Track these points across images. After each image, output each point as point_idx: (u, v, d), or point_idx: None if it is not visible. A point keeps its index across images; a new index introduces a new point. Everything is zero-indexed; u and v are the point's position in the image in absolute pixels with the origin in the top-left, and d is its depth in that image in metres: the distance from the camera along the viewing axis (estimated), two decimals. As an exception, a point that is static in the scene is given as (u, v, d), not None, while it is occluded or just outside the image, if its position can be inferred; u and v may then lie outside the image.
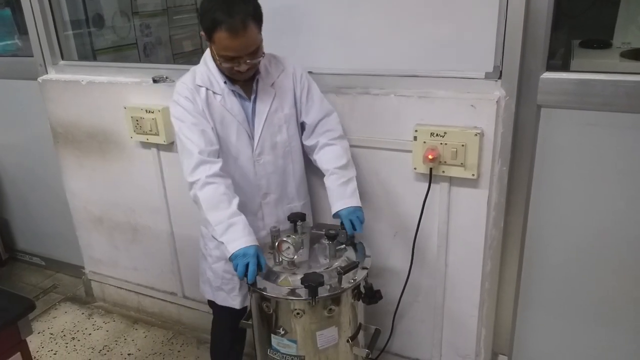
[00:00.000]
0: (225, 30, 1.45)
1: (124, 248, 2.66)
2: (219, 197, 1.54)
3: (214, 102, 1.63)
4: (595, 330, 1.89)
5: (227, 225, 1.51)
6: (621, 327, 1.83)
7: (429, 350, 2.03)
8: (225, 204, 1.53)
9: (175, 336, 2.59)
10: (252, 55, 1.52)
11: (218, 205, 1.53)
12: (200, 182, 1.54)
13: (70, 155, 2.59)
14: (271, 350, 1.55)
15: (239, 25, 1.44)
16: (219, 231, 1.51)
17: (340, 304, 1.50)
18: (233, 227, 1.51)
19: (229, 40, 1.46)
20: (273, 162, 1.70)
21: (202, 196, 1.54)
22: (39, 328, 2.70)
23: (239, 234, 1.50)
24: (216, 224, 1.52)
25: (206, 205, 1.54)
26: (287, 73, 1.70)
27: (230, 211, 1.53)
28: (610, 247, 1.74)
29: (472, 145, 1.62)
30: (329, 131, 1.72)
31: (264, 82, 1.66)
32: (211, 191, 1.54)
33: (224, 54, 1.51)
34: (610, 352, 1.89)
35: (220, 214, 1.52)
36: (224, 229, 1.51)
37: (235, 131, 1.65)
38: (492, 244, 1.80)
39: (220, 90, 1.63)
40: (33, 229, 3.23)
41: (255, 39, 1.50)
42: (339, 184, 1.66)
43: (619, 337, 1.86)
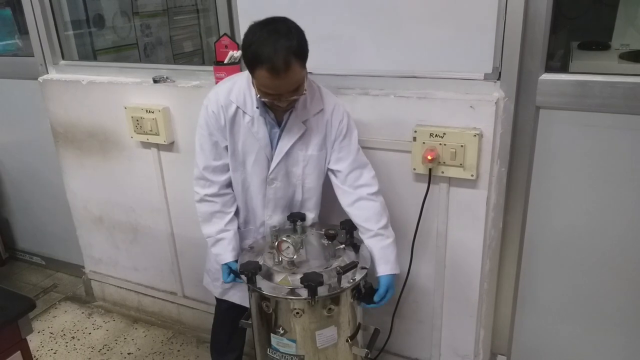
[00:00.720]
0: (266, 70, 1.38)
1: (124, 248, 2.66)
2: (212, 214, 1.72)
3: (241, 122, 1.62)
4: (594, 330, 1.89)
5: (215, 240, 1.73)
6: (620, 327, 1.84)
7: (428, 350, 2.03)
8: (217, 219, 1.72)
9: (175, 336, 2.60)
10: (293, 92, 1.47)
11: (211, 220, 1.73)
12: (198, 196, 1.73)
13: (70, 155, 2.59)
14: (271, 349, 1.55)
15: (281, 66, 1.36)
16: (209, 244, 1.76)
17: (339, 304, 1.50)
18: (220, 242, 1.72)
19: (270, 80, 1.40)
20: (283, 189, 1.71)
21: (198, 209, 1.75)
22: (39, 327, 2.70)
23: (223, 249, 1.72)
24: (207, 237, 1.75)
25: (201, 218, 1.75)
26: (324, 114, 1.62)
27: (219, 227, 1.72)
28: (609, 248, 1.75)
29: (471, 146, 1.63)
30: (365, 186, 1.65)
31: (297, 116, 1.60)
32: (206, 207, 1.73)
33: (264, 90, 1.46)
34: (609, 352, 1.90)
35: (211, 229, 1.73)
36: (213, 243, 1.74)
37: (255, 153, 1.65)
38: (491, 244, 1.80)
39: (251, 112, 1.60)
40: (33, 229, 3.23)
41: (297, 78, 1.44)
42: (384, 245, 1.63)
43: (617, 338, 1.86)
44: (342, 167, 1.65)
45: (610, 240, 1.73)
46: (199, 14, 3.19)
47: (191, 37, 3.21)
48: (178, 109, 2.17)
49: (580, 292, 1.86)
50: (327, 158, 1.68)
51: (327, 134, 1.65)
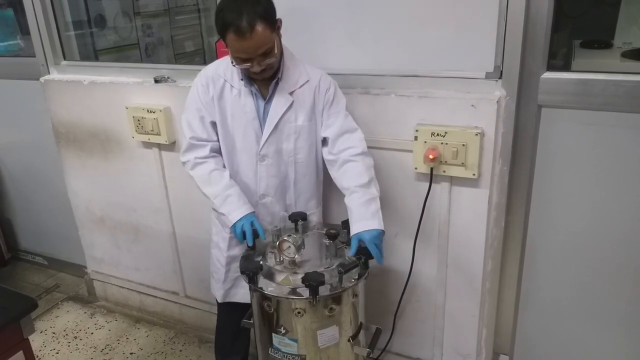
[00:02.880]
0: (233, 32, 1.44)
1: (126, 248, 2.66)
2: (210, 173, 1.68)
3: (229, 95, 1.65)
4: (597, 330, 1.89)
5: (224, 198, 1.66)
6: (623, 327, 1.83)
7: (430, 349, 2.03)
8: (217, 177, 1.68)
9: (177, 335, 2.60)
10: (264, 56, 1.50)
11: (211, 180, 1.68)
12: (190, 163, 1.70)
13: (72, 155, 2.60)
14: (272, 349, 1.55)
15: (246, 27, 1.43)
16: (218, 203, 1.67)
17: (341, 303, 1.50)
18: (229, 199, 1.66)
19: (237, 42, 1.46)
20: (275, 167, 1.70)
21: (194, 175, 1.70)
22: (41, 327, 2.71)
23: (235, 205, 1.65)
24: (214, 197, 1.67)
25: (200, 182, 1.69)
26: (310, 85, 1.65)
27: (223, 184, 1.67)
28: (611, 247, 1.74)
29: (473, 145, 1.62)
30: (350, 148, 1.63)
31: (283, 87, 1.63)
32: (202, 169, 1.68)
33: (235, 55, 1.52)
34: (612, 352, 1.89)
35: (215, 188, 1.67)
36: (222, 201, 1.66)
37: (243, 128, 1.66)
38: (493, 244, 1.80)
39: (238, 86, 1.64)
40: (35, 229, 3.24)
41: (264, 41, 1.47)
42: (360, 202, 1.55)
43: (620, 337, 1.85)
44: (330, 132, 1.66)
45: (613, 240, 1.73)
46: (200, 14, 3.19)
47: (192, 37, 3.21)
48: (179, 108, 2.16)
49: (583, 291, 1.85)
50: (318, 131, 1.69)
51: (315, 104, 1.66)
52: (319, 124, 1.69)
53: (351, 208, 1.58)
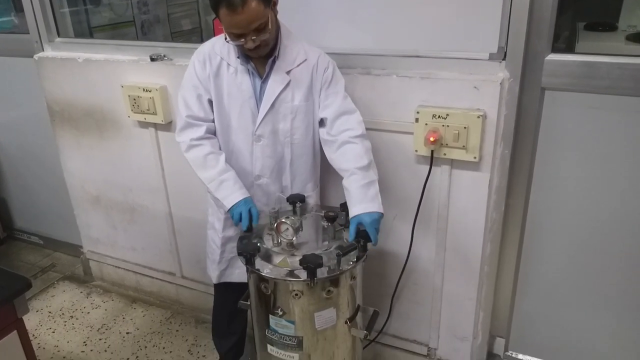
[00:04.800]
0: (225, 6, 1.41)
1: (122, 228, 2.65)
2: (205, 156, 1.65)
3: (225, 73, 1.62)
4: (594, 314, 1.89)
5: (219, 183, 1.64)
6: (619, 313, 1.84)
7: (427, 332, 2.04)
8: (212, 162, 1.65)
9: (174, 315, 2.60)
10: (257, 32, 1.47)
11: (206, 164, 1.65)
12: (185, 145, 1.66)
13: (67, 133, 2.56)
14: (269, 330, 1.55)
15: (238, 1, 1.40)
16: (213, 188, 1.65)
17: (338, 286, 1.49)
18: (224, 184, 1.63)
19: (229, 17, 1.43)
20: (271, 147, 1.68)
21: (189, 157, 1.67)
22: (37, 306, 2.70)
23: (230, 189, 1.63)
24: (209, 182, 1.65)
25: (195, 165, 1.67)
26: (308, 65, 1.61)
27: (218, 169, 1.64)
28: (612, 232, 1.73)
29: (475, 127, 1.60)
30: (349, 130, 1.60)
31: (280, 66, 1.60)
32: (197, 152, 1.65)
33: (228, 31, 1.49)
34: (608, 337, 1.90)
35: (210, 173, 1.64)
36: (217, 186, 1.64)
37: (239, 107, 1.63)
38: (493, 227, 1.79)
39: (234, 64, 1.61)
40: (31, 208, 3.22)
41: (257, 15, 1.44)
42: (359, 185, 1.53)
43: (616, 323, 1.86)
44: (328, 113, 1.63)
45: (614, 225, 1.72)
46: (198, -9, 3.12)
47: (189, 15, 3.15)
48: (176, 88, 2.12)
49: (581, 275, 1.85)
50: (316, 111, 1.66)
51: (312, 83, 1.63)
52: (316, 104, 1.66)
53: (350, 190, 1.55)
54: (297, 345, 1.52)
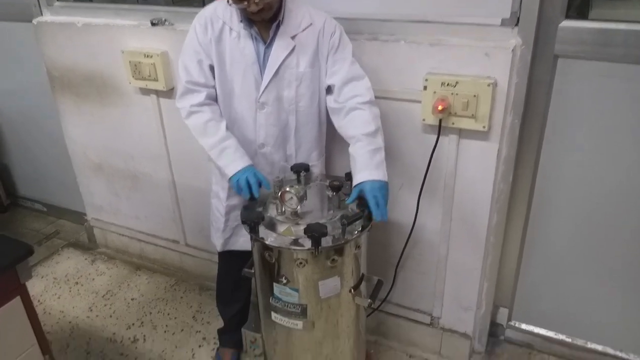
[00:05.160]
0: None
1: (125, 196, 2.64)
2: (206, 123, 1.61)
3: (228, 38, 1.57)
4: (598, 287, 1.89)
5: (220, 150, 1.60)
6: (625, 285, 1.83)
7: (431, 301, 2.04)
8: (213, 129, 1.60)
9: (178, 283, 2.62)
10: None
11: (206, 132, 1.61)
12: (185, 111, 1.62)
13: (67, 100, 2.53)
14: (273, 298, 1.55)
15: None
16: (214, 156, 1.61)
17: (343, 255, 1.48)
18: (226, 151, 1.59)
19: None
20: (275, 115, 1.64)
21: (189, 124, 1.63)
22: (42, 272, 2.73)
23: (231, 157, 1.59)
24: (209, 149, 1.61)
25: (195, 132, 1.63)
26: (314, 29, 1.56)
27: (219, 136, 1.60)
28: (619, 205, 1.72)
29: (485, 96, 1.56)
30: (357, 96, 1.55)
31: (285, 31, 1.55)
32: (197, 119, 1.61)
33: None
34: (611, 309, 1.91)
35: (211, 140, 1.60)
36: (218, 154, 1.60)
37: (242, 73, 1.59)
38: (500, 198, 1.77)
39: (237, 28, 1.56)
40: (34, 175, 3.21)
41: None
42: (365, 151, 1.49)
43: (622, 296, 1.86)
44: (336, 80, 1.59)
45: (621, 197, 1.70)
46: (200, -48, 3.02)
47: (191, -22, 3.06)
48: (177, 53, 2.06)
49: (587, 248, 1.84)
50: (322, 78, 1.62)
51: (319, 49, 1.58)
52: (323, 70, 1.61)
53: (355, 157, 1.53)
54: (301, 313, 1.52)
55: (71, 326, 2.35)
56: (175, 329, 2.32)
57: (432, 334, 2.09)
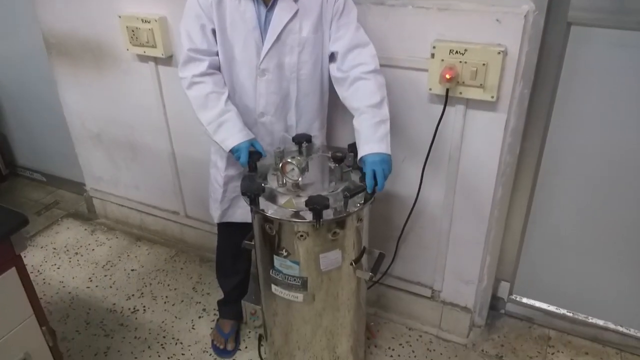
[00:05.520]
0: None
1: (125, 166, 2.60)
2: (206, 96, 1.55)
3: (228, 1, 1.51)
4: (601, 264, 1.87)
5: (218, 125, 1.55)
6: (628, 264, 1.81)
7: (432, 275, 2.03)
8: (213, 102, 1.55)
9: (178, 254, 2.61)
10: None
11: (206, 105, 1.55)
12: (187, 81, 1.56)
13: (64, 68, 2.46)
14: (273, 271, 1.53)
15: None
16: (211, 131, 1.56)
17: (345, 228, 1.46)
18: (224, 126, 1.55)
19: None
20: (276, 83, 1.58)
21: (190, 95, 1.57)
22: (41, 243, 2.71)
23: (229, 132, 1.54)
24: (207, 124, 1.56)
25: (195, 105, 1.57)
26: None
27: (218, 109, 1.55)
28: (625, 180, 1.68)
29: (494, 64, 1.50)
30: (362, 64, 1.50)
31: None
32: (198, 91, 1.56)
33: None
34: (613, 287, 1.89)
35: (210, 113, 1.55)
36: (215, 129, 1.55)
37: (243, 38, 1.53)
38: (506, 171, 1.73)
39: None
40: (32, 145, 3.17)
41: None
42: (369, 124, 1.44)
43: (626, 275, 1.84)
44: (339, 46, 1.53)
45: (630, 173, 1.66)
46: None
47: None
48: (176, 19, 2.01)
49: (591, 224, 1.82)
50: (325, 45, 1.56)
51: (322, 14, 1.52)
52: (326, 37, 1.55)
53: (359, 130, 1.48)
54: (302, 285, 1.51)
55: (71, 296, 2.35)
56: (175, 300, 2.31)
57: (433, 307, 2.08)
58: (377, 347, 2.05)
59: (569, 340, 2.04)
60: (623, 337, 1.96)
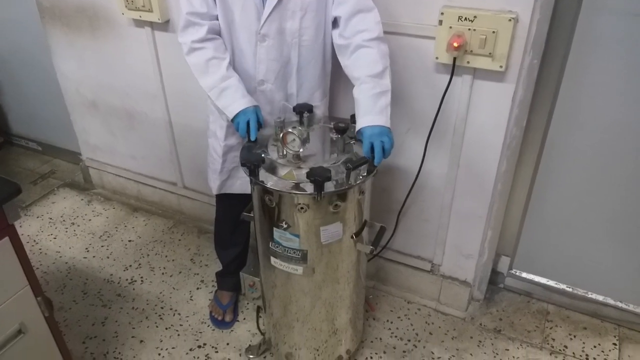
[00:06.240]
0: None
1: (121, 135, 2.55)
2: (207, 62, 1.51)
3: None
4: (602, 240, 1.86)
5: (220, 90, 1.52)
6: (630, 239, 1.79)
7: (432, 248, 2.01)
8: (214, 67, 1.51)
9: (176, 225, 2.59)
10: None
11: (207, 70, 1.52)
12: (186, 47, 1.52)
13: (58, 32, 2.39)
14: (273, 243, 1.50)
15: None
16: (214, 96, 1.53)
17: (346, 200, 1.42)
18: (226, 91, 1.52)
19: None
20: (277, 49, 1.52)
21: (190, 62, 1.54)
22: (37, 212, 2.68)
23: (231, 97, 1.51)
24: (209, 90, 1.53)
25: (196, 71, 1.54)
26: None
27: (219, 75, 1.51)
28: (632, 156, 1.64)
29: (504, 32, 1.44)
30: (364, 31, 1.43)
31: None
32: (198, 57, 1.52)
33: None
34: (613, 264, 1.88)
35: (211, 79, 1.52)
36: (218, 94, 1.52)
37: (242, 1, 1.46)
38: (511, 144, 1.69)
39: None
40: (27, 113, 3.11)
41: None
42: (369, 95, 1.40)
43: (625, 250, 1.83)
44: (342, 10, 1.46)
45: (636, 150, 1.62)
46: None
47: None
48: (173, -19, 1.94)
49: (594, 199, 1.79)
50: (328, 10, 1.49)
51: None
52: (330, 2, 1.48)
53: (358, 100, 1.43)
54: (302, 258, 1.48)
55: (68, 267, 2.33)
56: (173, 271, 2.30)
57: (432, 280, 2.07)
58: (375, 319, 2.05)
59: (568, 315, 2.04)
60: (622, 312, 1.96)
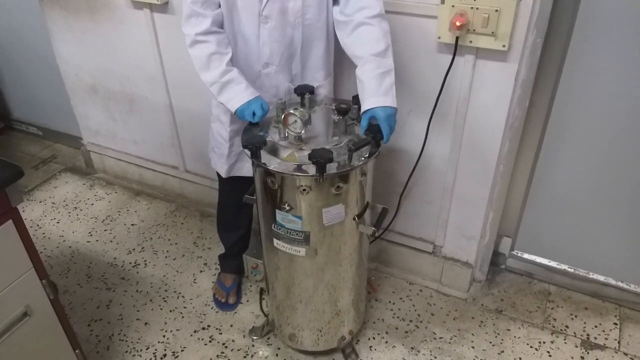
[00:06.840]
0: None
1: (122, 119, 2.55)
2: (209, 56, 1.50)
3: None
4: (604, 220, 1.86)
5: (221, 85, 1.51)
6: (631, 218, 1.79)
7: (434, 230, 2.01)
8: (216, 62, 1.50)
9: (178, 209, 2.59)
10: None
11: (209, 65, 1.51)
12: (189, 39, 1.51)
13: (57, 15, 2.36)
14: (276, 225, 1.51)
15: None
16: (215, 91, 1.53)
17: (348, 182, 1.42)
18: (227, 86, 1.51)
19: None
20: (280, 30, 1.51)
21: (193, 55, 1.52)
22: (40, 197, 2.69)
23: (233, 91, 1.51)
24: (210, 85, 1.52)
25: (198, 65, 1.53)
26: None
27: (221, 69, 1.50)
28: (633, 138, 1.63)
29: (508, 10, 1.42)
30: (365, 8, 1.41)
31: None
32: (200, 50, 1.50)
33: None
34: (616, 243, 1.88)
35: (213, 74, 1.51)
36: (219, 89, 1.52)
37: None
38: (514, 125, 1.68)
39: None
40: (28, 98, 3.09)
41: None
42: (373, 75, 1.38)
43: (627, 230, 1.83)
44: None
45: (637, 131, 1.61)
46: None
47: None
48: (171, -38, 1.92)
49: (596, 180, 1.79)
50: None
51: None
52: None
53: (363, 80, 1.41)
54: (304, 240, 1.49)
55: (71, 251, 2.35)
56: (177, 255, 2.31)
57: (434, 262, 2.08)
58: (377, 301, 2.06)
59: (569, 295, 2.05)
60: (623, 292, 1.97)
